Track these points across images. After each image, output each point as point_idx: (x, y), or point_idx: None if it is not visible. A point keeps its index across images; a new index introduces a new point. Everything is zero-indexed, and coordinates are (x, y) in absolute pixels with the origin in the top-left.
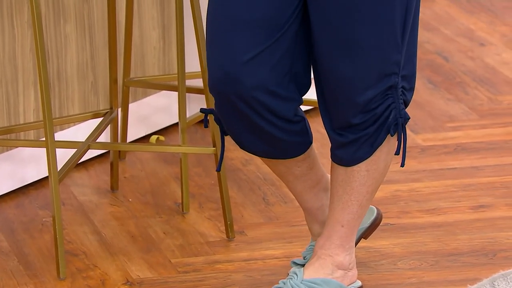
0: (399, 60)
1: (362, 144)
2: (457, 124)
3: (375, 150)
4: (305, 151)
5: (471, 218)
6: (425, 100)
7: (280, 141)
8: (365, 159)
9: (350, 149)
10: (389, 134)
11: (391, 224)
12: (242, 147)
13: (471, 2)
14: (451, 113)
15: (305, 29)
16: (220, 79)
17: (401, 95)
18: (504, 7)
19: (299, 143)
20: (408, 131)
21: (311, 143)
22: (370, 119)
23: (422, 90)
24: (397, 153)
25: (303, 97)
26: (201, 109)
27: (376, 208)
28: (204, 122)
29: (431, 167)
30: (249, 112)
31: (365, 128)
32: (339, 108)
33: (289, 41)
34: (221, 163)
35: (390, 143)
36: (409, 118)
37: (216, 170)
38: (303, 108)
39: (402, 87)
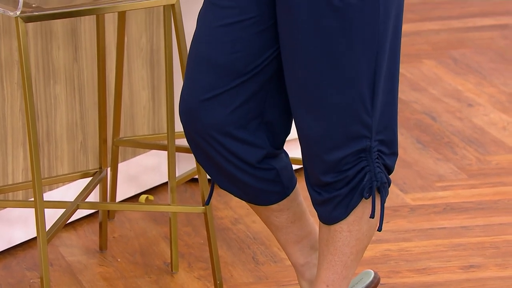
0: (369, 124)
1: (337, 204)
2: (446, 184)
3: (350, 211)
4: (278, 201)
5: (461, 278)
6: (414, 159)
7: (245, 185)
8: (342, 219)
9: (327, 207)
10: (366, 197)
11: (381, 284)
12: (220, 186)
13: (459, 64)
14: (440, 172)
15: (281, 78)
16: (183, 113)
17: (377, 158)
18: (492, 69)
19: (270, 192)
20: (397, 191)
21: (287, 195)
22: (342, 180)
23: (410, 149)
24: (371, 216)
25: (296, 156)
26: None
27: (374, 272)
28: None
29: (420, 226)
30: (211, 151)
31: (338, 188)
32: (311, 165)
33: (256, 88)
34: (209, 200)
35: (370, 205)
36: (386, 182)
37: (205, 204)
38: (294, 166)
39: (380, 151)
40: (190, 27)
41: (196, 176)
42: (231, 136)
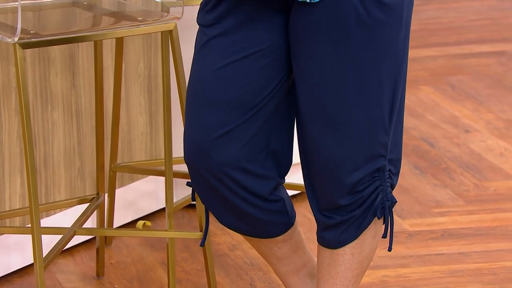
0: (387, 143)
1: (348, 226)
2: (444, 210)
3: (361, 233)
4: (284, 232)
5: None
6: (411, 185)
7: (255, 219)
8: (351, 241)
9: (337, 231)
10: (376, 217)
11: None
12: (221, 223)
13: (456, 90)
14: (438, 198)
15: (285, 106)
16: (193, 153)
17: (388, 178)
18: (489, 95)
19: (277, 223)
20: (395, 216)
21: (292, 224)
22: (357, 201)
23: (408, 175)
24: (384, 236)
25: (291, 181)
26: (187, 182)
27: None
28: (192, 196)
29: (418, 252)
30: (221, 188)
31: (352, 210)
32: (326, 189)
33: (264, 119)
34: (205, 239)
35: (376, 226)
36: (396, 201)
37: (200, 245)
38: (290, 192)
39: (389, 170)
40: (188, 53)
41: (194, 202)
42: (244, 170)
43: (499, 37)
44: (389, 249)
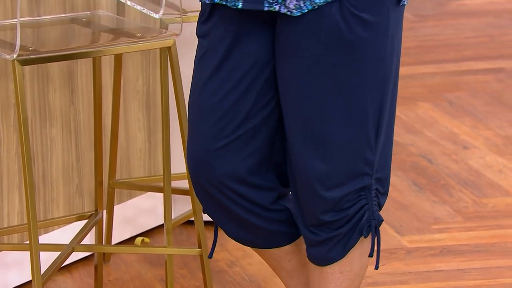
0: (373, 161)
1: (335, 244)
2: (442, 226)
3: (348, 252)
4: (290, 242)
5: None
6: (410, 202)
7: (258, 228)
8: (338, 260)
9: (323, 248)
10: (363, 236)
11: None
12: (227, 234)
13: (454, 106)
14: (436, 215)
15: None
16: (193, 165)
17: (375, 197)
18: (487, 112)
19: (282, 232)
20: (393, 233)
21: (300, 235)
22: (342, 219)
23: (407, 192)
24: (370, 255)
25: None
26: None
27: None
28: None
29: (417, 269)
30: (222, 198)
31: (337, 227)
32: (310, 204)
33: (264, 132)
34: (213, 251)
35: (364, 245)
36: (383, 220)
37: (208, 257)
38: None
39: (376, 189)
40: (186, 69)
41: (192, 218)
42: (244, 182)
43: (497, 54)
44: (376, 268)
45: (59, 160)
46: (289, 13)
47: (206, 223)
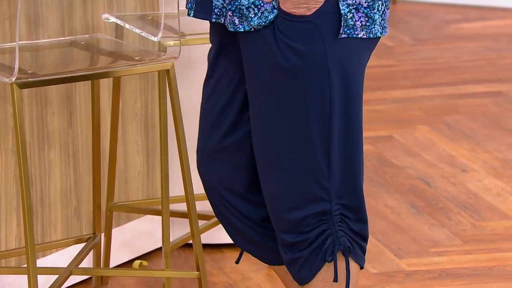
0: (328, 187)
1: (301, 266)
2: (441, 250)
3: (314, 274)
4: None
5: None
6: (408, 225)
7: (256, 242)
8: (308, 281)
9: (293, 268)
10: (329, 260)
11: None
12: (237, 245)
13: (452, 129)
14: (435, 238)
15: None
16: (198, 167)
17: (340, 222)
18: (485, 135)
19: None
20: (392, 256)
21: None
22: (304, 242)
23: (405, 214)
24: (335, 280)
25: None
26: None
27: None
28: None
29: None
30: (218, 205)
31: (300, 249)
32: (275, 224)
33: (252, 148)
34: (240, 257)
35: (335, 269)
36: (348, 246)
37: (235, 262)
38: None
39: (343, 215)
40: (185, 92)
41: (191, 241)
42: (236, 194)
43: (495, 78)
44: None
45: (57, 183)
46: (231, 28)
47: (205, 246)
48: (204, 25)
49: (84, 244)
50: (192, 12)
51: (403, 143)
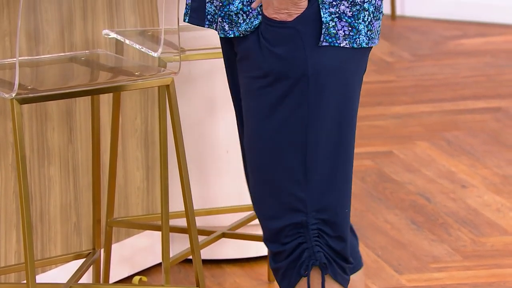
0: (304, 198)
1: (282, 276)
2: (441, 265)
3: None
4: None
5: None
6: (408, 240)
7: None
8: None
9: (276, 277)
10: (303, 274)
11: None
12: None
13: (452, 145)
14: (435, 254)
15: None
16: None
17: (317, 237)
18: (485, 151)
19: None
20: (392, 271)
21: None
22: (282, 253)
23: (405, 230)
24: None
25: None
26: None
27: None
28: None
29: None
30: None
31: (280, 260)
32: (262, 229)
33: None
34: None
35: (315, 286)
36: (324, 262)
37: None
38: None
39: (321, 230)
40: (185, 107)
41: (190, 257)
42: None
43: (494, 94)
44: None
45: (57, 199)
46: (221, 34)
47: (204, 261)
48: (204, 41)
49: (84, 259)
50: (188, 17)
51: (402, 158)
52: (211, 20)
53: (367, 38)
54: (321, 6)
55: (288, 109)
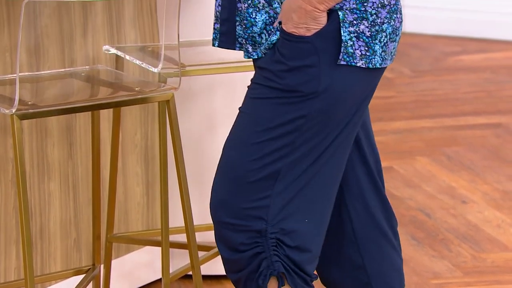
0: (266, 206)
1: (244, 285)
2: (441, 281)
3: None
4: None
5: None
6: (408, 256)
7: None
8: None
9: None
10: (261, 285)
11: None
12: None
13: (452, 161)
14: (435, 269)
15: None
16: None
17: (275, 247)
18: (485, 166)
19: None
20: None
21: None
22: (239, 262)
23: (405, 246)
24: None
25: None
26: None
27: None
28: None
29: None
30: None
31: (238, 270)
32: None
33: None
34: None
35: None
36: (282, 271)
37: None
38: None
39: (279, 240)
40: (185, 123)
41: (190, 273)
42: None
43: (494, 109)
44: None
45: (57, 215)
46: (246, 56)
47: (204, 277)
48: (204, 57)
49: (84, 275)
50: (217, 42)
51: (403, 174)
52: (241, 42)
53: (381, 59)
54: (341, 25)
55: (283, 118)
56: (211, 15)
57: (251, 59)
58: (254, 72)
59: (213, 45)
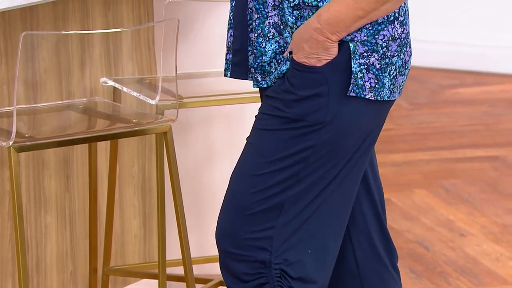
0: (271, 237)
1: None
2: None
3: None
4: None
5: None
6: None
7: None
8: None
9: None
10: None
11: None
12: None
13: (450, 193)
14: None
15: None
16: None
17: (279, 277)
18: (483, 199)
19: None
20: None
21: None
22: None
23: (404, 279)
24: None
25: None
26: None
27: None
28: None
29: None
30: None
31: None
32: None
33: None
34: None
35: None
36: None
37: None
38: None
39: (284, 271)
40: (182, 155)
41: None
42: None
43: (492, 142)
44: None
45: (53, 247)
46: (255, 85)
47: None
48: (201, 88)
49: None
50: (229, 72)
51: (401, 206)
52: (251, 71)
53: (390, 92)
54: (352, 56)
55: (290, 148)
56: (208, 47)
57: (249, 91)
58: (252, 103)
59: (225, 75)
